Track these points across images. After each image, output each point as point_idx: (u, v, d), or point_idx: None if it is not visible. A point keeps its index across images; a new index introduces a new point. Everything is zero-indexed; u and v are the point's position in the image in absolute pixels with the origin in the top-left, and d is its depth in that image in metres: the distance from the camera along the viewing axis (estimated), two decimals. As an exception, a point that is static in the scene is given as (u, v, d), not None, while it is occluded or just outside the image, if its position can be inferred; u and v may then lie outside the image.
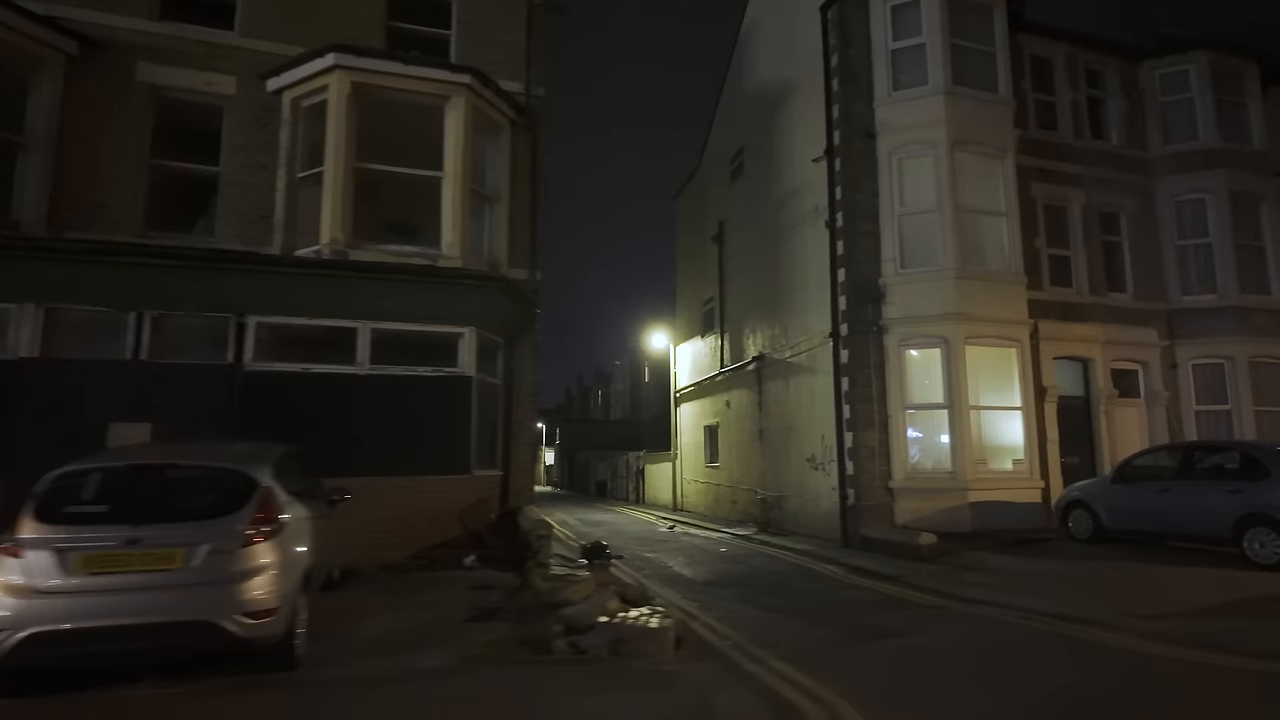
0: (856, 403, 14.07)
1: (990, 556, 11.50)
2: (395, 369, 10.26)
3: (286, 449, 6.58)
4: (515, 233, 12.14)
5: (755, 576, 11.28)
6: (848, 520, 14.07)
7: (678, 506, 25.62)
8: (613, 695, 5.07)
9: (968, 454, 13.48)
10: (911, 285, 14.16)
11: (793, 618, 8.23)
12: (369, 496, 9.65)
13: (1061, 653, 6.54)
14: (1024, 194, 15.64)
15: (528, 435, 11.89)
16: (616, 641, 5.89)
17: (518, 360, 11.90)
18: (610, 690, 5.16)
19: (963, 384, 13.65)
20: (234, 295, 9.64)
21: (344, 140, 10.44)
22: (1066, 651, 6.57)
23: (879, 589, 10.14)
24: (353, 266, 10.06)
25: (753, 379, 19.25)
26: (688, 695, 5.16)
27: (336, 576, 8.15)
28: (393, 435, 10.07)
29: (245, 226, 10.70)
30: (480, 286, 10.54)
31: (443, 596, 7.28)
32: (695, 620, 7.97)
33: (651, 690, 5.23)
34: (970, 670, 6.10)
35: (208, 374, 9.47)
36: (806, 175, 16.19)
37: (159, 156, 10.70)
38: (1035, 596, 8.71)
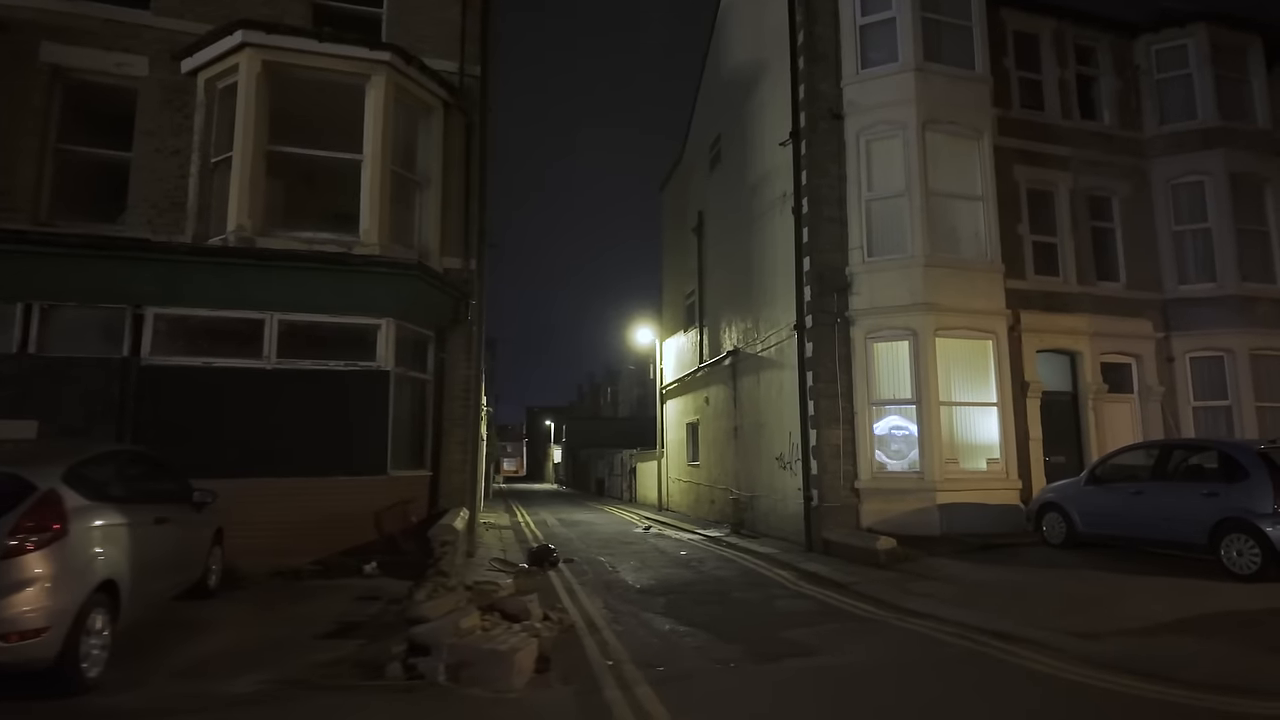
0: (820, 398, 13.31)
1: (950, 563, 10.71)
2: (305, 363, 9.71)
3: (115, 449, 6.06)
4: (449, 219, 11.55)
5: (699, 584, 10.60)
6: (811, 522, 13.32)
7: (663, 506, 24.95)
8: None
9: (936, 453, 12.67)
10: (879, 274, 13.36)
11: (705, 632, 7.53)
12: (273, 498, 9.18)
13: (977, 679, 5.81)
14: (1005, 177, 14.76)
15: (462, 434, 11.28)
16: (458, 665, 5.25)
17: (450, 354, 11.30)
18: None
19: (932, 379, 12.83)
20: (130, 285, 9.14)
21: (253, 122, 9.89)
22: (983, 677, 5.84)
23: (822, 598, 9.42)
24: (256, 254, 9.51)
25: (728, 374, 18.53)
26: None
27: (213, 584, 7.60)
28: (302, 433, 9.52)
29: (156, 214, 10.20)
30: (395, 275, 9.95)
31: (315, 608, 6.70)
32: (594, 635, 7.30)
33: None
34: (864, 699, 5.39)
35: (101, 368, 8.98)
36: (775, 160, 15.42)
37: (65, 141, 10.23)
38: (980, 610, 7.94)
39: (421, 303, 10.46)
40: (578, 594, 9.81)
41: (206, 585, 7.43)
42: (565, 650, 6.59)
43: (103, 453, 5.92)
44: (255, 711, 4.60)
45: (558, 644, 6.81)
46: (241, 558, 8.64)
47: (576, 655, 6.41)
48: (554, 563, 12.32)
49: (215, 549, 7.68)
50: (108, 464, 5.79)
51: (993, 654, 6.47)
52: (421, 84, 11.04)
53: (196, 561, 7.04)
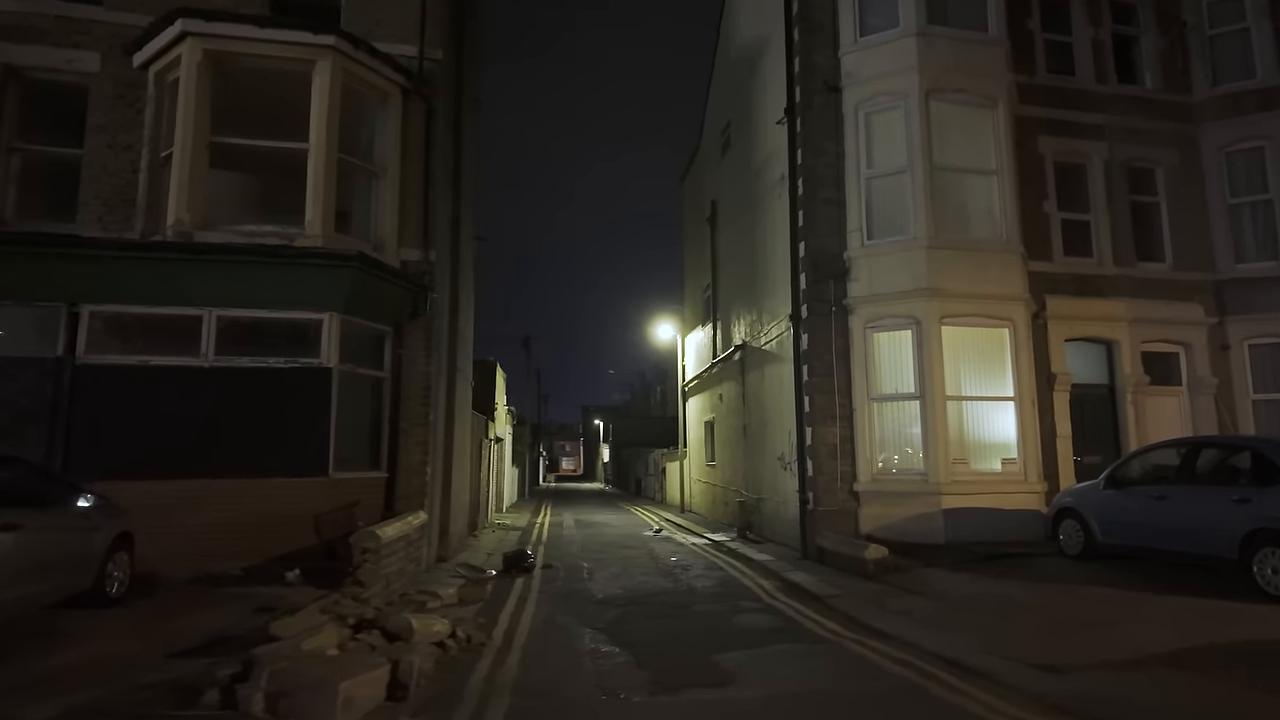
0: (815, 394, 12.31)
1: (945, 576, 9.63)
2: (244, 360, 9.36)
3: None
4: (408, 209, 11.06)
5: (667, 595, 9.81)
6: (806, 527, 12.35)
7: (685, 507, 24.13)
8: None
9: (942, 452, 11.52)
10: (879, 258, 12.28)
11: (628, 652, 6.77)
12: (209, 501, 8.88)
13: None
14: (1027, 150, 13.45)
15: (422, 434, 10.77)
16: (276, 694, 4.66)
17: (408, 350, 10.81)
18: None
19: (937, 371, 11.68)
20: (64, 282, 8.96)
21: (193, 113, 9.60)
22: (899, 717, 4.91)
23: (789, 614, 8.53)
24: (189, 249, 9.20)
25: (737, 370, 17.61)
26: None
27: (115, 591, 7.25)
28: (240, 434, 9.17)
29: (107, 211, 10.04)
30: (334, 267, 9.50)
31: (203, 619, 6.24)
32: (500, 655, 6.62)
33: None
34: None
35: (34, 368, 8.81)
36: (776, 141, 14.44)
37: (19, 140, 10.15)
38: (950, 633, 6.94)
39: (369, 296, 9.99)
40: (527, 605, 9.17)
41: (105, 592, 7.08)
42: (451, 673, 5.95)
43: None
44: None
45: (451, 665, 6.20)
46: (170, 562, 8.35)
47: (457, 680, 5.75)
48: (528, 568, 11.73)
49: (119, 554, 7.35)
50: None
51: (933, 688, 5.52)
52: (374, 69, 10.59)
53: (81, 568, 6.69)
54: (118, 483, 8.64)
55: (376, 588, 8.01)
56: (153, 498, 8.68)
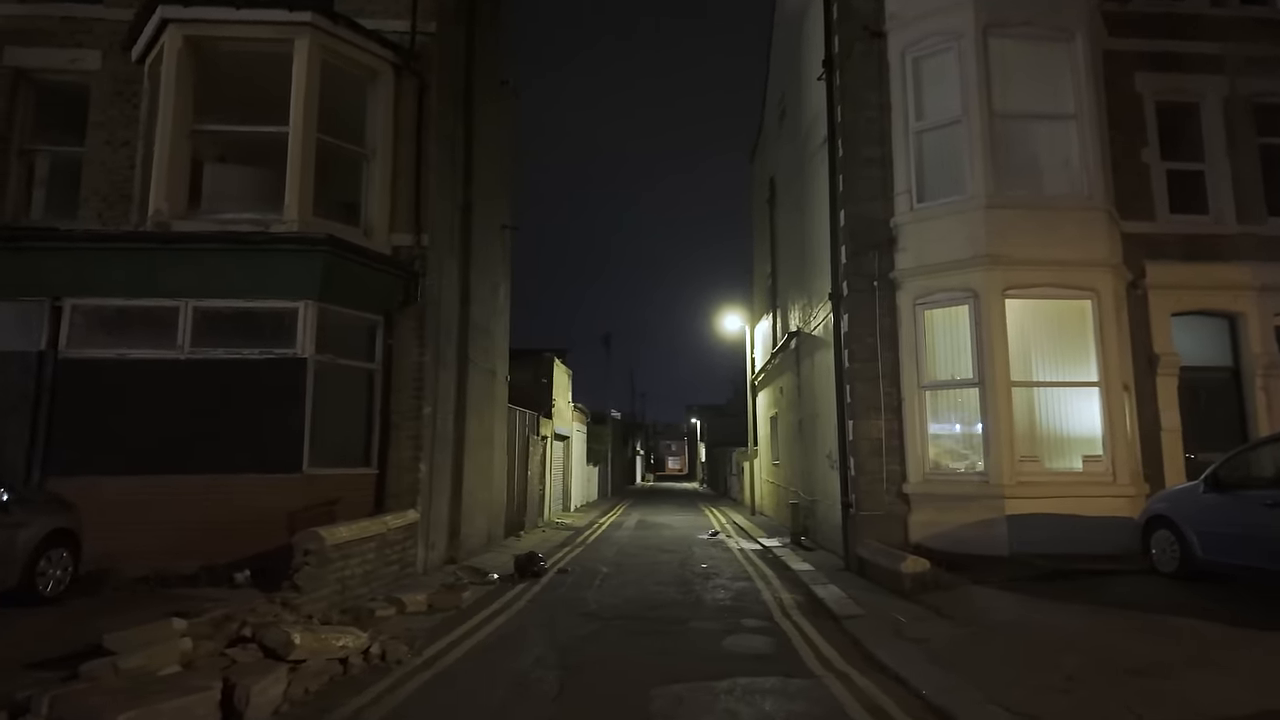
0: (857, 382, 10.79)
1: (992, 596, 7.98)
2: (219, 352, 9.04)
3: None
4: (400, 193, 10.50)
5: (668, 608, 8.71)
6: (848, 534, 10.86)
7: (755, 509, 22.72)
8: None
9: (1006, 448, 9.74)
10: (930, 224, 10.60)
11: (563, 680, 5.76)
12: (180, 497, 8.61)
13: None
14: (1121, 90, 11.37)
15: (414, 428, 10.17)
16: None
17: (399, 341, 10.24)
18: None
19: (999, 352, 9.91)
20: (46, 276, 8.94)
21: (174, 100, 9.40)
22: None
23: (789, 637, 7.29)
24: (161, 239, 8.98)
25: (793, 360, 16.13)
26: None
27: (50, 590, 6.99)
28: (214, 428, 8.85)
29: (106, 206, 10.05)
30: (304, 252, 9.01)
31: (115, 623, 5.73)
32: (411, 676, 5.78)
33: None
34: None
35: (18, 362, 8.82)
36: (819, 100, 12.93)
37: (29, 142, 10.35)
38: (957, 673, 5.50)
39: (349, 282, 9.46)
40: (502, 615, 8.34)
41: (36, 590, 6.81)
42: (329, 698, 5.17)
43: None
44: None
45: (342, 687, 5.43)
46: (136, 560, 8.11)
47: (323, 707, 4.95)
48: (536, 573, 10.93)
49: (56, 552, 7.08)
50: None
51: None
52: (359, 45, 10.09)
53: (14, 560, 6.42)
54: (94, 478, 8.55)
55: (324, 592, 7.40)
56: (127, 494, 8.50)
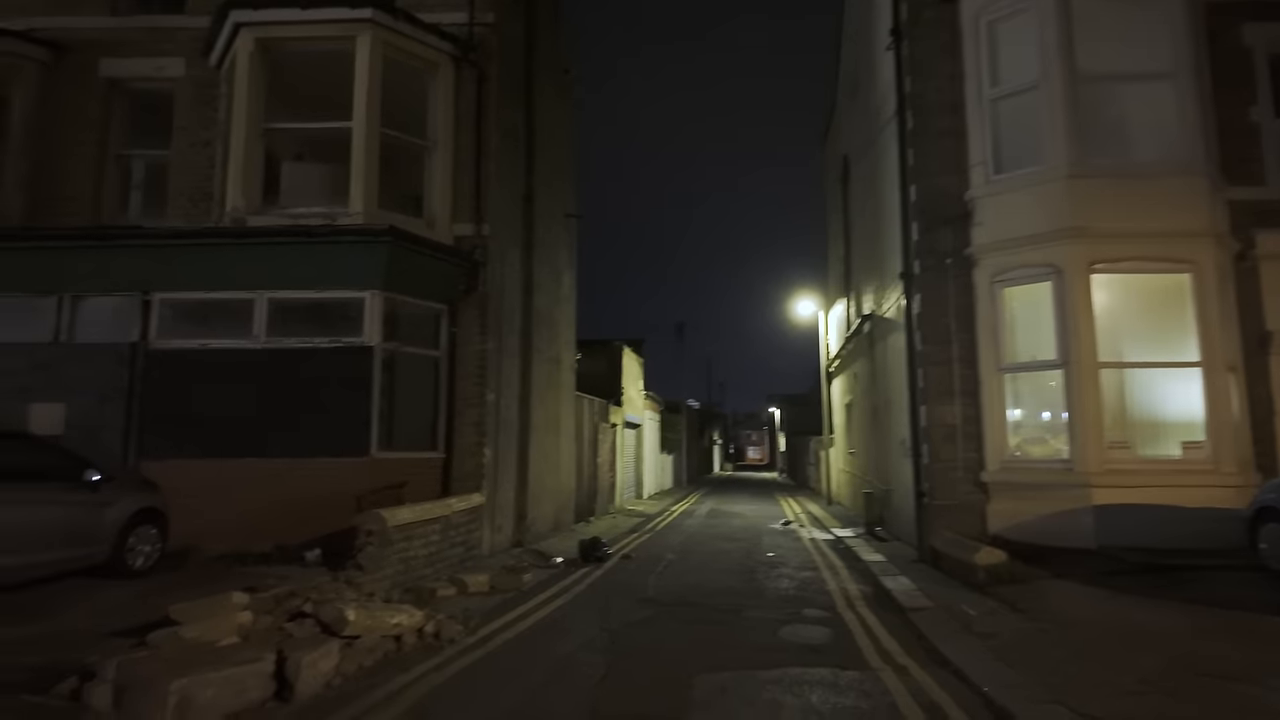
0: (930, 365, 10.31)
1: (1073, 590, 7.48)
2: (291, 341, 9.42)
3: None
4: (461, 183, 10.67)
5: (727, 596, 8.56)
6: (922, 525, 10.40)
7: (831, 499, 22.15)
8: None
9: (1093, 433, 9.09)
10: (1008, 196, 9.99)
11: (610, 663, 5.73)
12: (257, 480, 9.04)
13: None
14: (1225, 44, 10.40)
15: (477, 414, 10.35)
16: (121, 689, 4.22)
17: (462, 329, 10.42)
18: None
19: (1084, 331, 9.24)
20: (137, 271, 9.50)
21: (245, 101, 9.82)
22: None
23: (851, 629, 7.04)
24: (235, 234, 9.40)
25: (866, 345, 15.59)
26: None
27: (140, 565, 7.45)
28: (288, 414, 9.23)
29: (191, 205, 10.64)
30: (367, 243, 9.26)
31: (191, 595, 6.07)
32: (450, 657, 5.87)
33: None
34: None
35: (115, 353, 9.43)
36: (889, 72, 12.37)
37: (120, 146, 11.06)
38: (1025, 670, 5.15)
39: (412, 272, 9.68)
40: (560, 598, 8.40)
41: (127, 564, 7.28)
42: (377, 674, 5.30)
43: None
44: None
45: (393, 663, 5.55)
46: (213, 538, 8.56)
47: (372, 683, 5.06)
48: (600, 558, 10.97)
49: (146, 529, 7.55)
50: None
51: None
52: (418, 39, 10.28)
53: (90, 541, 6.88)
54: (181, 461, 9.06)
55: (386, 571, 7.62)
56: (209, 476, 8.98)
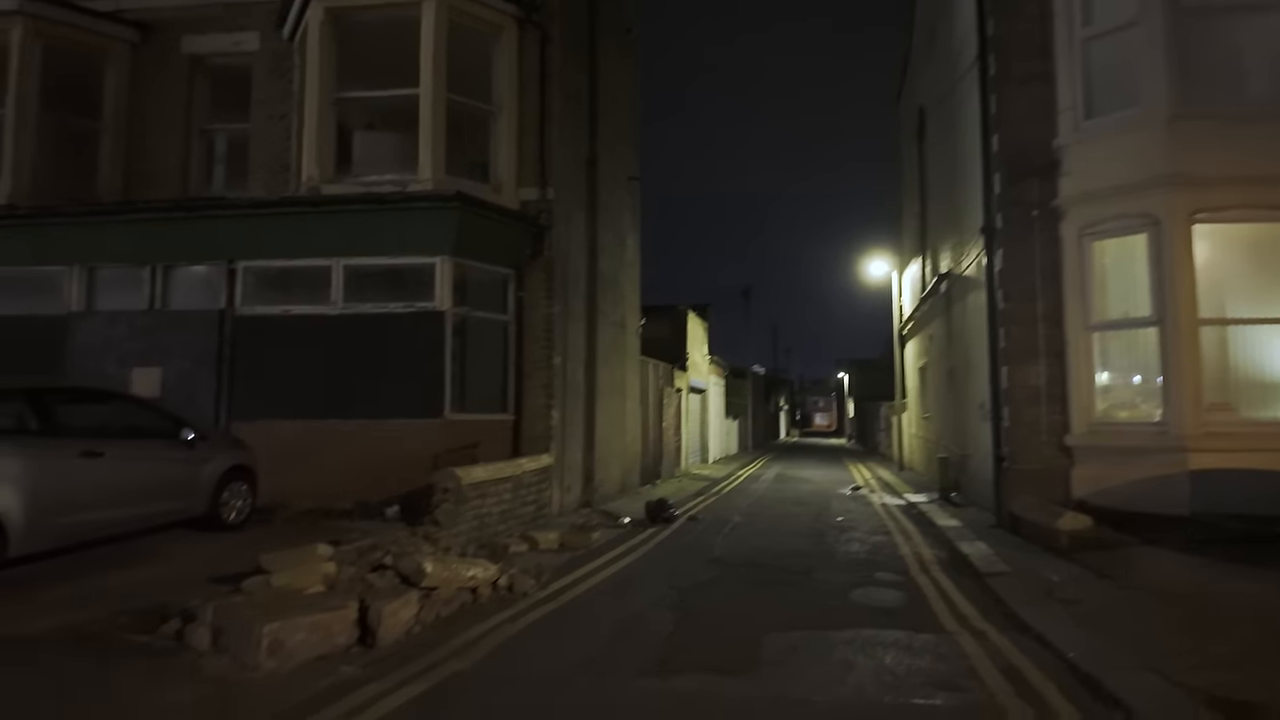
0: (1012, 324, 9.86)
1: (1164, 558, 7.14)
2: (367, 307, 9.69)
3: (33, 387, 6.35)
4: (525, 147, 10.68)
5: (796, 558, 8.49)
6: (1000, 489, 10.06)
7: (902, 465, 21.68)
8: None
9: (1190, 395, 8.55)
10: (1100, 143, 9.36)
11: (678, 620, 5.79)
12: (338, 440, 9.39)
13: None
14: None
15: (545, 377, 10.48)
16: (219, 630, 4.48)
17: (529, 293, 10.52)
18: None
19: (1184, 286, 8.64)
20: (222, 241, 9.91)
21: (318, 72, 10.03)
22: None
23: (925, 593, 6.93)
24: (311, 202, 9.67)
25: (942, 305, 15.04)
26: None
27: (233, 518, 7.88)
28: (365, 376, 9.54)
29: (269, 176, 11.00)
30: (436, 209, 9.37)
31: (274, 548, 6.41)
32: (523, 610, 6.01)
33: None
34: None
35: (205, 319, 9.90)
36: (968, 16, 11.71)
37: (203, 122, 11.50)
38: (1112, 637, 4.95)
39: (480, 237, 9.78)
40: (632, 554, 8.55)
41: (221, 518, 7.71)
42: (454, 623, 5.48)
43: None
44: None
45: (469, 613, 5.74)
46: (299, 495, 8.95)
47: (448, 633, 5.24)
48: (667, 519, 11.06)
49: (238, 485, 7.96)
50: (11, 400, 6.08)
51: (1016, 718, 3.82)
52: (482, 2, 10.26)
53: (187, 495, 7.29)
54: (268, 422, 9.48)
55: (462, 527, 7.86)
56: (294, 436, 9.38)
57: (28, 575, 5.76)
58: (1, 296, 10.36)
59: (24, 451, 5.76)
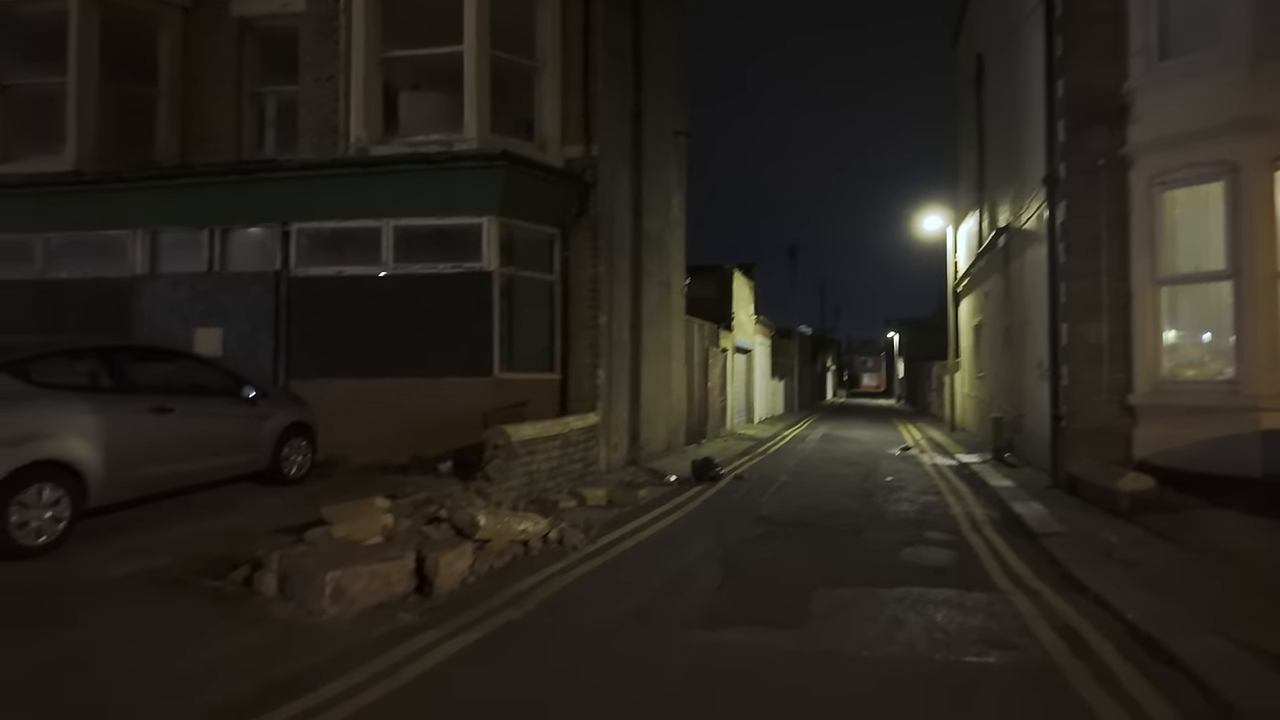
0: (1073, 279, 9.51)
1: (1231, 521, 6.92)
2: (416, 267, 9.81)
3: (105, 346, 6.66)
4: (570, 104, 10.56)
5: (844, 518, 8.45)
6: (1057, 449, 9.81)
7: (954, 425, 21.28)
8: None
9: (1265, 352, 8.14)
10: (1174, 86, 8.82)
11: (725, 575, 5.84)
12: (390, 397, 9.60)
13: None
14: None
15: (591, 336, 10.52)
16: (285, 578, 4.67)
17: (574, 252, 10.50)
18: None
19: (1262, 237, 8.18)
20: (275, 204, 10.10)
21: (363, 32, 10.05)
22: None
23: (977, 552, 6.86)
24: (360, 163, 9.76)
25: (1000, 260, 14.56)
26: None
27: (294, 472, 8.16)
28: (415, 336, 9.70)
29: (318, 138, 11.10)
30: (481, 168, 9.37)
31: (333, 501, 6.65)
32: (572, 563, 6.12)
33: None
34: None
35: (262, 281, 10.15)
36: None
37: (254, 85, 11.64)
38: (1173, 600, 4.82)
39: (526, 196, 9.77)
40: (678, 511, 8.62)
41: (283, 473, 7.99)
42: (506, 574, 5.62)
43: (72, 348, 6.53)
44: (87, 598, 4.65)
45: (521, 566, 5.87)
46: (355, 450, 9.22)
47: (502, 584, 5.38)
48: (713, 478, 11.09)
49: (298, 440, 8.23)
50: (86, 358, 6.36)
51: (1070, 678, 3.78)
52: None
53: (250, 450, 7.56)
54: (325, 380, 9.74)
55: (512, 483, 8.02)
56: (350, 394, 9.62)
57: (106, 525, 6.09)
58: (73, 260, 10.80)
59: (100, 407, 6.04)
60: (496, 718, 3.45)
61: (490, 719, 3.44)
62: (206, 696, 3.46)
